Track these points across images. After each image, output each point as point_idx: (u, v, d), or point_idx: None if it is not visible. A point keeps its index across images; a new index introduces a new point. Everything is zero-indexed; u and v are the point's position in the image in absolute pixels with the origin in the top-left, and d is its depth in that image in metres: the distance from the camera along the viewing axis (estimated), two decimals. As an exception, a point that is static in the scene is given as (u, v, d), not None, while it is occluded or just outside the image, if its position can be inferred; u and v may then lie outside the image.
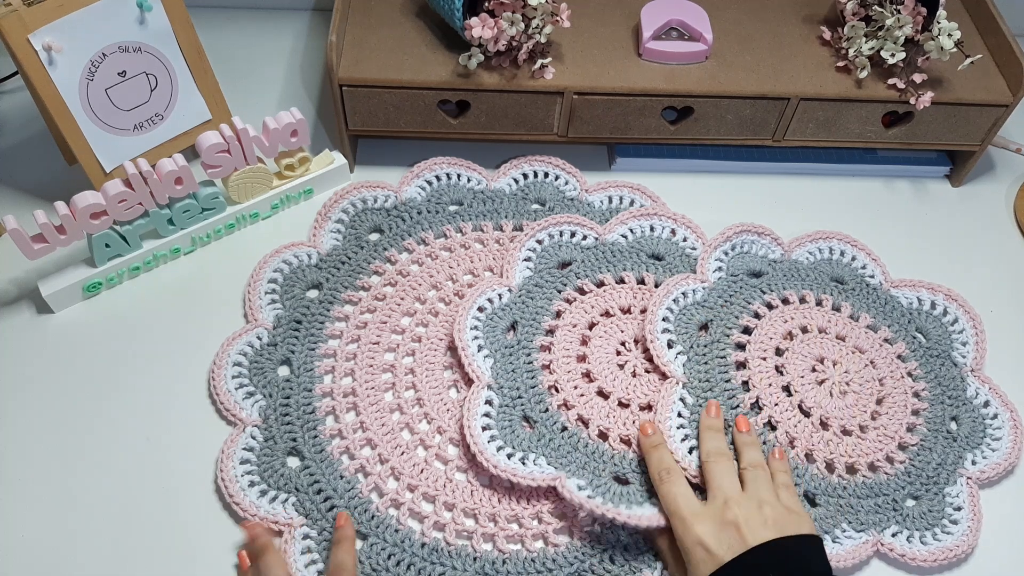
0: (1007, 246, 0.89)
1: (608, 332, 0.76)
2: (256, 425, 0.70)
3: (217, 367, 0.73)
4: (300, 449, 0.70)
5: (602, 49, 0.85)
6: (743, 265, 0.80)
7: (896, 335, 0.77)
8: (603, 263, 0.80)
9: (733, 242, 0.81)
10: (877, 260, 0.83)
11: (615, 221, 0.83)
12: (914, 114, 0.85)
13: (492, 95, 0.81)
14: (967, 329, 0.79)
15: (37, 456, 0.69)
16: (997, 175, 0.94)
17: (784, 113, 0.85)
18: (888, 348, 0.76)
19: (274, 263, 0.80)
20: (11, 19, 0.71)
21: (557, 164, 0.88)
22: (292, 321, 0.76)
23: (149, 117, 0.82)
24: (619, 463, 0.69)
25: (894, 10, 0.82)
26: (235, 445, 0.69)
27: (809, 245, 0.84)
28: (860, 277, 0.82)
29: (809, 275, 0.81)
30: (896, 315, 0.79)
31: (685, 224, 0.83)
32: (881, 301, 0.80)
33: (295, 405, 0.72)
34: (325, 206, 0.84)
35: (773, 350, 0.75)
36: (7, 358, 0.75)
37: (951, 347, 0.78)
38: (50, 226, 0.72)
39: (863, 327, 0.77)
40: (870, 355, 0.76)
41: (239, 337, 0.75)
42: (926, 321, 0.79)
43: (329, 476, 0.68)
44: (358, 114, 0.83)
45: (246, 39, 1.00)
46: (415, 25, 0.85)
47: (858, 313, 0.78)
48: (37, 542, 0.66)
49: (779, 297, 0.78)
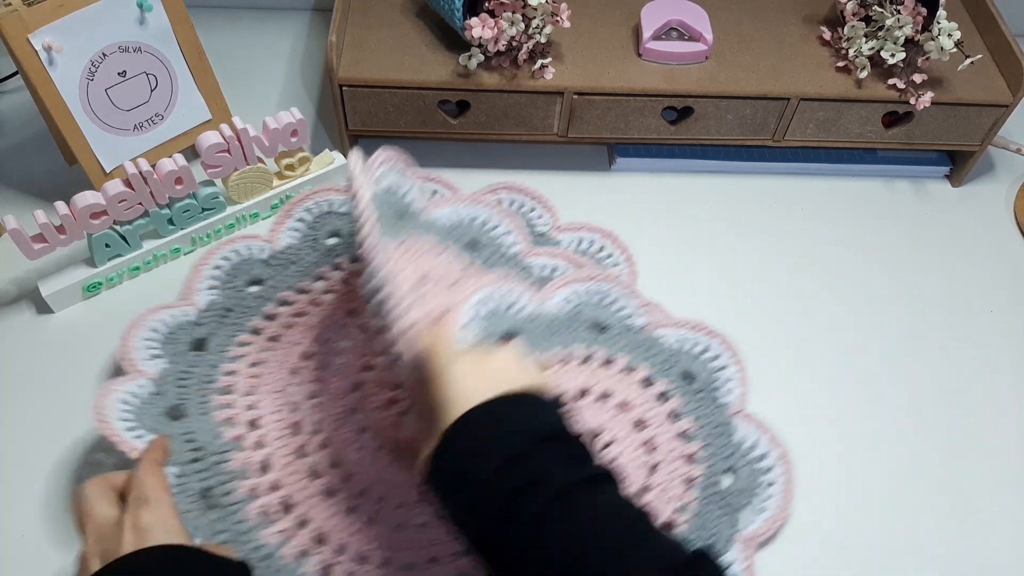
0: (1007, 246, 0.89)
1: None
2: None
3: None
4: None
5: (602, 49, 0.85)
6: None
7: (670, 384, 0.71)
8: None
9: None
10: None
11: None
12: (914, 114, 0.85)
13: (492, 95, 0.81)
14: (730, 366, 0.74)
15: (37, 456, 0.69)
16: (997, 175, 0.94)
17: (784, 113, 0.85)
18: (660, 404, 0.70)
19: (150, 322, 0.73)
20: (11, 19, 0.71)
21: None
22: (178, 374, 0.70)
23: (149, 117, 0.82)
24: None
25: (894, 10, 0.82)
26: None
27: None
28: (620, 320, 0.74)
29: (563, 324, 0.71)
30: (662, 358, 0.72)
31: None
32: (647, 344, 0.73)
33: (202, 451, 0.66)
34: (201, 261, 0.78)
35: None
36: (7, 358, 0.75)
37: (717, 388, 0.73)
38: (50, 226, 0.72)
39: (636, 380, 0.70)
40: (636, 413, 0.69)
41: (119, 386, 0.67)
42: (691, 363, 0.73)
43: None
44: (358, 114, 0.83)
45: (246, 39, 1.00)
46: (415, 25, 0.85)
47: (634, 364, 0.71)
48: (37, 542, 0.65)
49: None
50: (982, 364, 0.80)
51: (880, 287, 0.84)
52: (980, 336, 0.81)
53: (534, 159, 0.91)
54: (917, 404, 0.77)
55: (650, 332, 0.74)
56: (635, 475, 0.66)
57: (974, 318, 0.83)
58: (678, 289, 0.80)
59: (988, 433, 0.75)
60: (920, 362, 0.79)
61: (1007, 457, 0.74)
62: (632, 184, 0.90)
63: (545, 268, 0.78)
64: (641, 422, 0.69)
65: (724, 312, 0.77)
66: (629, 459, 0.67)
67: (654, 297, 0.78)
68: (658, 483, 0.66)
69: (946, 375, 0.79)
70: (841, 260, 0.86)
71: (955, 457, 0.74)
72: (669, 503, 0.66)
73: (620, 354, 0.71)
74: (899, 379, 0.78)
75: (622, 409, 0.69)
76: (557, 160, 0.91)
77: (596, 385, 0.69)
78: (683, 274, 0.83)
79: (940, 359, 0.80)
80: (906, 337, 0.81)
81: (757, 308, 0.82)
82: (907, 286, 0.84)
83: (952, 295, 0.84)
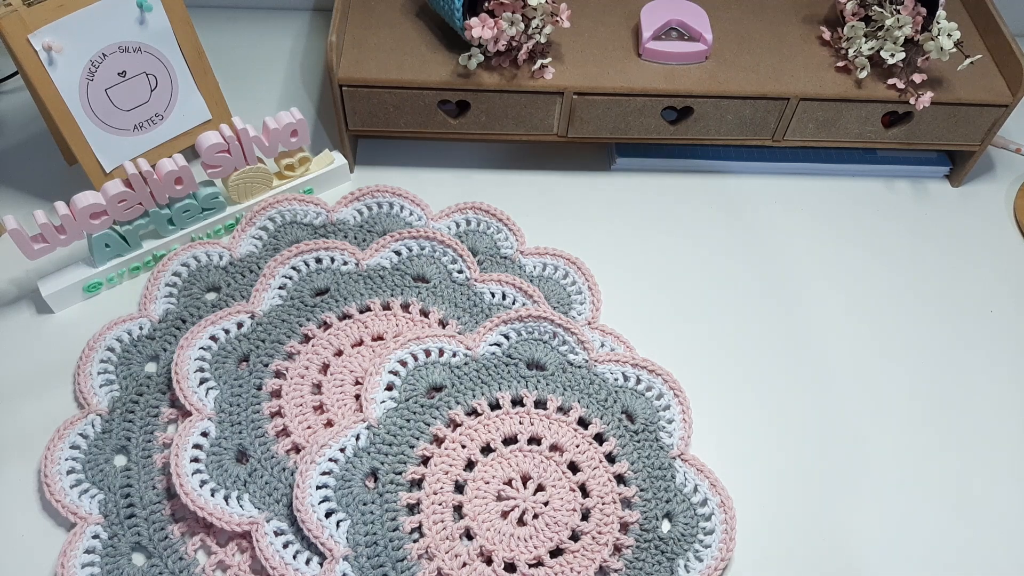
0: (1007, 246, 0.89)
1: (350, 363, 0.72)
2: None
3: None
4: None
5: (602, 49, 0.85)
6: (422, 377, 0.71)
7: (606, 425, 0.69)
8: (362, 288, 0.76)
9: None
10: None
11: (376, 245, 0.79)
12: (914, 114, 0.85)
13: (492, 95, 0.81)
14: (672, 405, 0.73)
15: (37, 456, 0.69)
16: (997, 175, 0.94)
17: (784, 113, 0.85)
18: (596, 447, 0.68)
19: (106, 340, 0.74)
20: (11, 19, 0.71)
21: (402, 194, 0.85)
22: (128, 401, 0.71)
23: (149, 117, 0.82)
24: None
25: (894, 10, 0.82)
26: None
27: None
28: (562, 355, 0.73)
29: (496, 369, 0.71)
30: (601, 397, 0.71)
31: (454, 248, 0.79)
32: (585, 382, 0.72)
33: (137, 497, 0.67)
34: (155, 273, 0.78)
35: (452, 484, 0.66)
36: (7, 358, 0.75)
37: (659, 428, 0.71)
38: (50, 226, 0.72)
39: (570, 424, 0.69)
40: (569, 456, 0.68)
41: (71, 426, 0.69)
42: (633, 401, 0.72)
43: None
44: (358, 114, 0.83)
45: (246, 39, 1.00)
46: (415, 25, 0.85)
47: (568, 404, 0.70)
48: (37, 542, 0.65)
49: (464, 410, 0.69)
50: (982, 364, 0.80)
51: (880, 287, 0.84)
52: (980, 336, 0.82)
53: (534, 159, 0.91)
54: (917, 404, 0.77)
55: (590, 369, 0.73)
56: (567, 519, 0.65)
57: (974, 318, 0.83)
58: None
59: (988, 433, 0.75)
60: (920, 362, 0.79)
61: (1008, 457, 0.74)
62: (632, 184, 0.90)
63: (496, 295, 0.78)
64: (575, 465, 0.68)
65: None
66: (561, 503, 0.66)
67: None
68: (591, 528, 0.65)
69: (946, 375, 0.79)
70: (841, 260, 0.86)
71: (954, 457, 0.74)
72: (603, 548, 0.64)
73: (554, 395, 0.70)
74: (899, 379, 0.78)
75: (555, 452, 0.68)
76: (557, 160, 0.91)
77: (527, 429, 0.69)
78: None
79: (940, 359, 0.80)
80: (906, 336, 0.81)
81: (745, 316, 0.82)
82: (907, 286, 0.84)
83: (952, 295, 0.84)
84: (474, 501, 0.66)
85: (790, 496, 0.71)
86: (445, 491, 0.66)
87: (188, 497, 0.64)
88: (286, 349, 0.72)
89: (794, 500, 0.71)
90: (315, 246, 0.78)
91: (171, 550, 0.65)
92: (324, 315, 0.74)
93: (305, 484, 0.64)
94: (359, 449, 0.66)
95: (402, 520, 0.64)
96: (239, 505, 0.65)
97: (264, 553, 0.62)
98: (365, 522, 0.64)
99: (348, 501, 0.64)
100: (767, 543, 0.68)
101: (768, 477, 0.72)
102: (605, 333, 0.77)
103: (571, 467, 0.68)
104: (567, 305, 0.79)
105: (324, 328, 0.74)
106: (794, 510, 0.70)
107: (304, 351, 0.73)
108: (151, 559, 0.64)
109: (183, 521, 0.66)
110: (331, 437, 0.66)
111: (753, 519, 0.69)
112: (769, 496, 0.71)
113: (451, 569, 0.63)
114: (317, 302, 0.75)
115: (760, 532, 0.69)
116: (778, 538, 0.69)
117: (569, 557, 0.64)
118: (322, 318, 0.74)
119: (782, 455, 0.73)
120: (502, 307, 0.77)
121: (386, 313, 0.75)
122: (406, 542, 0.63)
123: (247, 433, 0.68)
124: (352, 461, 0.66)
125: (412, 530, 0.64)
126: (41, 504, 0.67)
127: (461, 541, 0.64)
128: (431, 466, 0.66)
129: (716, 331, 0.80)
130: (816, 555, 0.68)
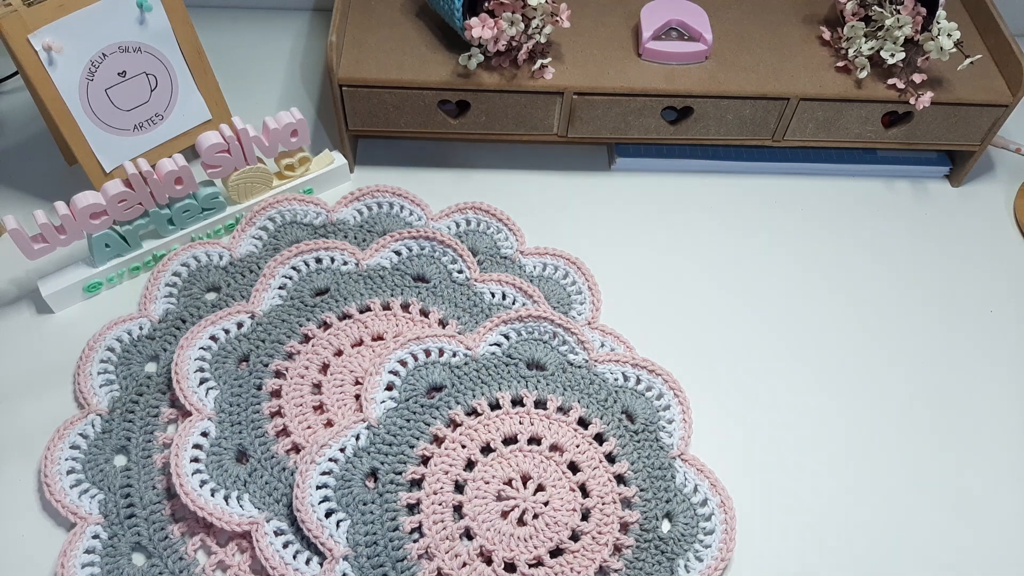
0: (1007, 246, 0.89)
1: (350, 363, 0.72)
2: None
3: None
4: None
5: (602, 49, 0.85)
6: (421, 378, 0.70)
7: (607, 425, 0.69)
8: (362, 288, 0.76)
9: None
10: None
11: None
12: (914, 114, 0.85)
13: (492, 95, 0.81)
14: (673, 405, 0.72)
15: (37, 456, 0.69)
16: (997, 175, 0.95)
17: (784, 113, 0.85)
18: (596, 446, 0.68)
19: (106, 340, 0.74)
20: (11, 19, 0.71)
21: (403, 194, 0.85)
22: (128, 401, 0.71)
23: (149, 117, 0.82)
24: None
25: (894, 10, 0.82)
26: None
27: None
28: (562, 355, 0.73)
29: (496, 369, 0.71)
30: (601, 397, 0.71)
31: (457, 250, 0.79)
32: (585, 382, 0.71)
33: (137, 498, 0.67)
34: (154, 273, 0.78)
35: (452, 484, 0.66)
36: (7, 358, 0.75)
37: (659, 428, 0.71)
38: (50, 226, 0.72)
39: (570, 424, 0.69)
40: (569, 456, 0.67)
41: (71, 426, 0.69)
42: (632, 400, 0.72)
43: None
44: (358, 114, 0.83)
45: (246, 39, 1.00)
46: (415, 25, 0.85)
47: (568, 404, 0.70)
48: (37, 542, 0.65)
49: (464, 410, 0.69)
50: (982, 364, 0.80)
51: (880, 287, 0.84)
52: (980, 336, 0.82)
53: (534, 159, 0.91)
54: (917, 404, 0.77)
55: (590, 369, 0.73)
56: (567, 519, 0.65)
57: (974, 318, 0.83)
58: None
59: (988, 433, 0.75)
60: (919, 362, 0.79)
61: (1008, 457, 0.74)
62: (632, 184, 0.90)
63: (496, 295, 0.78)
64: (575, 465, 0.68)
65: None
66: (561, 503, 0.66)
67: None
68: (591, 528, 0.65)
69: (945, 375, 0.79)
70: (841, 260, 0.86)
71: (954, 457, 0.74)
72: (603, 548, 0.64)
73: (554, 395, 0.70)
74: (899, 379, 0.78)
75: (555, 452, 0.68)
76: (557, 160, 0.91)
77: (527, 429, 0.69)
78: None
79: (940, 359, 0.80)
80: (905, 336, 0.81)
81: (745, 316, 0.82)
82: (907, 286, 0.84)
83: (952, 295, 0.84)
84: (474, 501, 0.65)
85: (790, 496, 0.71)
86: (445, 491, 0.66)
87: (188, 497, 0.64)
88: (286, 349, 0.72)
89: (794, 500, 0.71)
90: (315, 246, 0.78)
91: (171, 550, 0.65)
92: (324, 315, 0.74)
93: (305, 484, 0.64)
94: (359, 449, 0.66)
95: (402, 520, 0.64)
96: (239, 505, 0.65)
97: (264, 553, 0.62)
98: (365, 522, 0.64)
99: (348, 501, 0.64)
100: (767, 543, 0.68)
101: (768, 477, 0.72)
102: (605, 333, 0.77)
103: (571, 467, 0.68)
104: (567, 305, 0.79)
105: (324, 328, 0.74)
106: (794, 510, 0.70)
107: (304, 351, 0.72)
108: (151, 559, 0.64)
109: (183, 521, 0.66)
110: (331, 437, 0.66)
111: (753, 519, 0.69)
112: (769, 496, 0.71)
113: (451, 569, 0.63)
114: (317, 302, 0.75)
115: (760, 532, 0.69)
116: (778, 538, 0.69)
117: (569, 557, 0.64)
118: (322, 318, 0.74)
119: (782, 455, 0.73)
120: (502, 307, 0.77)
121: (386, 313, 0.75)
122: (406, 542, 0.63)
123: (247, 433, 0.68)
124: (352, 461, 0.66)
125: (412, 530, 0.64)
126: (41, 504, 0.67)
127: (461, 541, 0.64)
128: (431, 466, 0.66)
129: (716, 331, 0.80)
130: (816, 555, 0.68)
